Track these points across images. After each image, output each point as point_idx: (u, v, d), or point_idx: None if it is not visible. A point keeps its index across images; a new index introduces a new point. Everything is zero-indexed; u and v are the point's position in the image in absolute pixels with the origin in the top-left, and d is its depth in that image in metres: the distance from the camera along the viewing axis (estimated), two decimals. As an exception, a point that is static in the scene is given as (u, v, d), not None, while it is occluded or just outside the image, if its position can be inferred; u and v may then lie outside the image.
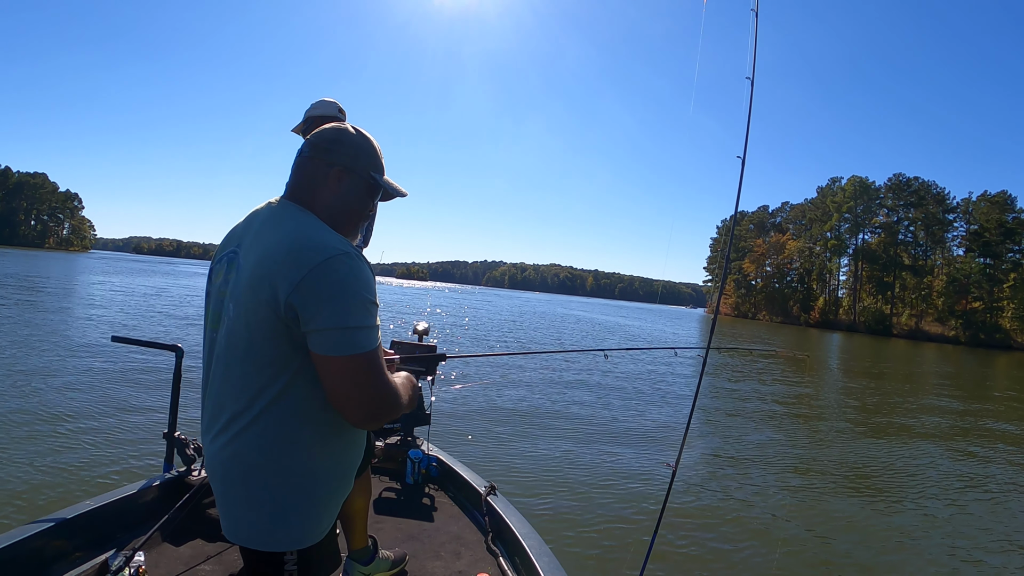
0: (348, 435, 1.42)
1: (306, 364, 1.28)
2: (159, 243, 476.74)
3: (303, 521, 1.35)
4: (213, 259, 1.50)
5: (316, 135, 1.46)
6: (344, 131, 1.45)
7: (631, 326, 40.63)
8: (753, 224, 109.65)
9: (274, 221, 1.37)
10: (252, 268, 1.30)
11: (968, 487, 7.14)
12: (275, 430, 1.30)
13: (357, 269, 1.28)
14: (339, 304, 1.23)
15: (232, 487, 1.34)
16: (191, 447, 3.07)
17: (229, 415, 1.32)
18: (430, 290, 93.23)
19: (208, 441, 1.38)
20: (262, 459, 1.30)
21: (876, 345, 48.35)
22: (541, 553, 2.50)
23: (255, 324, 1.27)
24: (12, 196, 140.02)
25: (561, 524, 4.84)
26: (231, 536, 1.36)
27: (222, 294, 1.39)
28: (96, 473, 5.02)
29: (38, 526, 2.26)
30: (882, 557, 4.91)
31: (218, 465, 1.35)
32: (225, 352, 1.34)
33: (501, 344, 19.29)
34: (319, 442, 1.35)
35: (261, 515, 1.32)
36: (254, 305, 1.27)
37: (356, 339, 1.24)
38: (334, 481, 1.41)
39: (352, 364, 1.24)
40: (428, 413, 3.96)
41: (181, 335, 14.45)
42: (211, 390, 1.39)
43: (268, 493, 1.32)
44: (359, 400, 1.26)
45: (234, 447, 1.31)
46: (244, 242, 1.39)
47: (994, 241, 73.92)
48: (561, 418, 8.88)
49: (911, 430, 10.60)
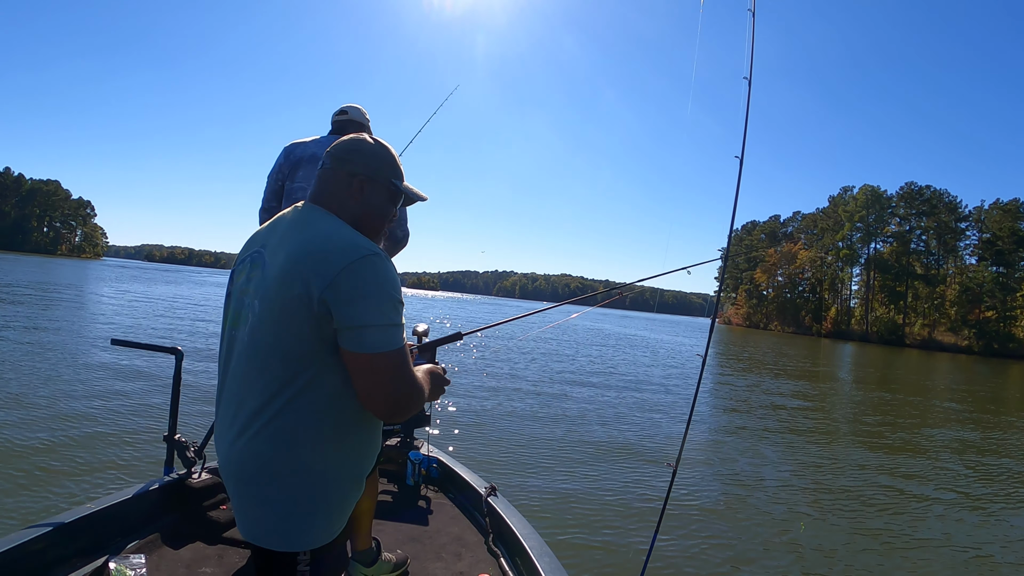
0: (364, 434, 1.44)
1: (328, 361, 1.31)
2: (171, 251, 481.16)
3: (318, 521, 1.35)
4: (236, 261, 1.54)
5: (336, 147, 1.50)
6: (363, 141, 1.51)
7: (634, 335, 40.60)
8: (765, 234, 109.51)
9: (303, 222, 1.40)
10: (282, 265, 1.32)
11: (974, 501, 7.03)
12: (294, 426, 1.30)
13: (387, 269, 1.33)
14: (372, 302, 1.27)
15: (248, 485, 1.34)
16: (191, 450, 3.06)
17: (249, 412, 1.32)
18: (440, 300, 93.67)
19: (227, 442, 1.38)
20: (280, 455, 1.31)
21: (888, 355, 48.05)
22: (542, 554, 2.49)
23: (282, 319, 1.29)
24: (25, 203, 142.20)
25: (562, 525, 4.85)
26: (247, 535, 1.36)
27: (244, 292, 1.40)
28: (96, 476, 5.03)
29: (38, 530, 2.25)
30: (885, 559, 4.89)
31: (235, 463, 1.35)
32: (248, 348, 1.35)
33: (504, 347, 19.27)
34: (336, 441, 1.36)
35: (277, 514, 1.32)
36: (283, 301, 1.29)
37: (387, 337, 1.28)
38: (349, 481, 1.41)
39: (383, 361, 1.28)
40: (428, 415, 3.97)
41: (181, 339, 14.56)
42: (230, 389, 1.40)
43: (284, 492, 1.32)
44: (387, 395, 1.30)
45: (253, 445, 1.31)
46: (270, 242, 1.42)
47: (1007, 250, 73.39)
48: (561, 419, 8.93)
49: (917, 433, 10.49)
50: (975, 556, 5.16)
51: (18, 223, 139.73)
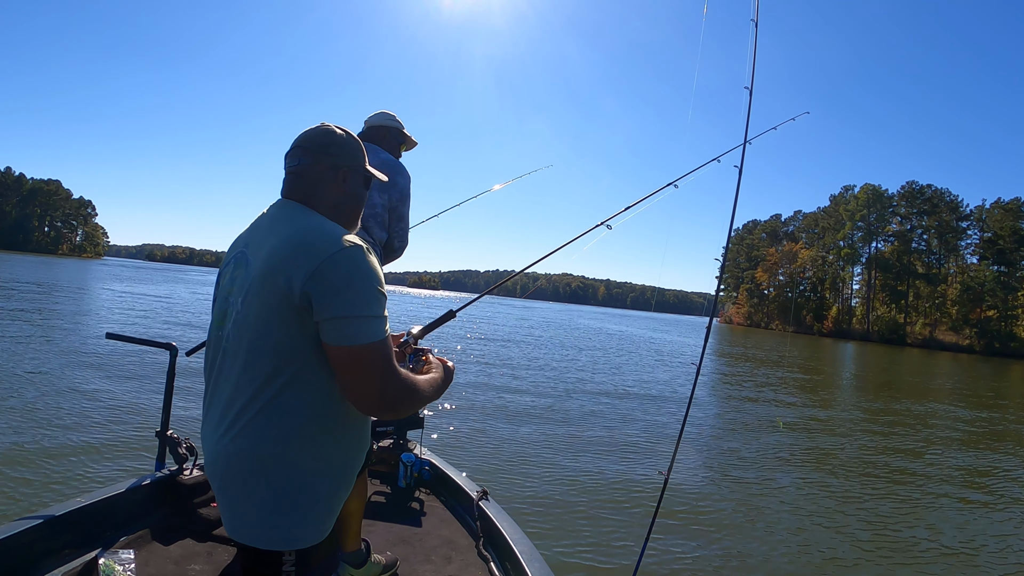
0: (352, 433, 1.42)
1: (312, 357, 1.30)
2: (172, 250, 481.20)
3: (305, 520, 1.33)
4: (222, 263, 1.54)
5: (310, 141, 1.49)
6: (334, 132, 1.51)
7: (632, 333, 40.58)
8: (766, 233, 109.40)
9: (282, 218, 1.41)
10: (264, 261, 1.32)
11: (978, 494, 7.01)
12: (280, 422, 1.29)
13: (368, 260, 1.32)
14: (351, 293, 1.26)
15: (234, 483, 1.32)
16: (183, 446, 3.06)
17: (235, 410, 1.31)
18: (441, 299, 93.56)
19: (213, 440, 1.37)
20: (266, 453, 1.29)
21: (889, 355, 47.96)
22: (532, 559, 2.49)
23: (264, 314, 1.29)
24: (26, 202, 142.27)
25: (552, 530, 4.83)
26: (232, 533, 1.35)
27: (229, 292, 1.41)
28: (87, 471, 5.02)
29: (27, 522, 2.24)
30: (881, 565, 4.86)
31: (221, 461, 1.33)
32: (232, 346, 1.35)
33: (503, 350, 19.27)
34: (323, 438, 1.34)
35: (262, 512, 1.31)
36: (265, 296, 1.29)
37: (369, 328, 1.27)
38: (337, 480, 1.40)
39: (366, 353, 1.26)
40: (422, 417, 3.95)
41: (177, 335, 14.58)
42: (218, 389, 1.39)
43: (271, 489, 1.30)
44: (369, 389, 1.28)
45: (239, 442, 1.30)
46: (252, 241, 1.42)
47: (1008, 249, 73.37)
48: (554, 424, 8.89)
49: (918, 432, 10.45)
50: (973, 557, 5.14)
51: (19, 223, 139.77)
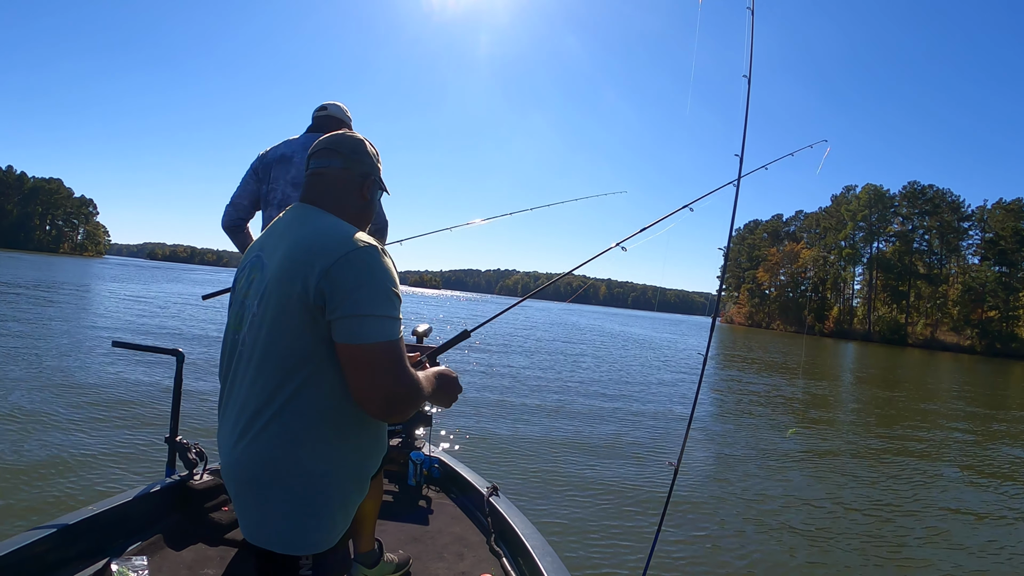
0: (367, 435, 1.42)
1: (326, 359, 1.29)
2: (173, 249, 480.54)
3: (321, 525, 1.33)
4: (238, 268, 1.54)
5: (343, 145, 1.50)
6: (361, 142, 1.53)
7: (636, 334, 40.59)
8: (767, 233, 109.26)
9: (297, 222, 1.41)
10: (280, 262, 1.32)
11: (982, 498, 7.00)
12: (294, 427, 1.29)
13: (383, 261, 1.32)
14: (365, 292, 1.26)
15: (250, 488, 1.32)
16: (193, 451, 3.06)
17: (250, 414, 1.31)
18: (443, 298, 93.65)
19: (229, 445, 1.37)
20: (281, 457, 1.29)
21: (891, 355, 47.95)
22: (544, 553, 2.48)
23: (280, 316, 1.29)
24: (27, 201, 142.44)
25: (564, 524, 4.84)
26: (250, 538, 1.35)
27: (246, 296, 1.41)
28: (98, 478, 5.01)
29: (40, 532, 2.24)
30: (890, 557, 4.88)
31: (237, 466, 1.33)
32: (248, 349, 1.35)
33: (507, 352, 19.28)
34: (338, 441, 1.34)
35: (279, 517, 1.31)
36: (281, 297, 1.29)
37: (382, 328, 1.26)
38: (352, 483, 1.40)
39: (377, 352, 1.25)
40: (430, 415, 3.94)
41: (183, 341, 14.51)
42: (234, 393, 1.39)
43: (286, 494, 1.30)
44: (378, 390, 1.26)
45: (254, 447, 1.30)
46: (267, 245, 1.42)
47: (1010, 249, 73.24)
48: (563, 418, 8.93)
49: (919, 431, 10.44)
50: (981, 559, 5.14)
51: (20, 221, 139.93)
